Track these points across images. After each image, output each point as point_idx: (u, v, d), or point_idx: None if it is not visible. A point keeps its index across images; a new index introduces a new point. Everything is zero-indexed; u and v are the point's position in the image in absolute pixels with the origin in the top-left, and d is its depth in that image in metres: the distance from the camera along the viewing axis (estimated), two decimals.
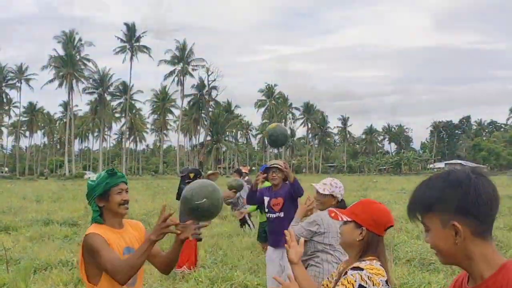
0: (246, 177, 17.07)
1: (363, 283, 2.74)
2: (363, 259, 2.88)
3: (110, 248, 3.37)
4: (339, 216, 2.96)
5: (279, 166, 7.14)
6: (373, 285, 2.74)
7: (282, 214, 7.13)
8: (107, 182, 3.51)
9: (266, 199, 7.34)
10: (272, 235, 7.20)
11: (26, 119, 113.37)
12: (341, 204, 5.13)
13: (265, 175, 7.30)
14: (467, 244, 1.80)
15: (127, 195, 3.60)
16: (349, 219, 2.94)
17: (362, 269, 2.80)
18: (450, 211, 1.81)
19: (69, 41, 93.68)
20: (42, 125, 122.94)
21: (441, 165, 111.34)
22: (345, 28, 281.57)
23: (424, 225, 1.93)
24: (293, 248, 3.08)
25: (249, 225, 14.83)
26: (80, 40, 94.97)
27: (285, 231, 3.24)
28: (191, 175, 9.16)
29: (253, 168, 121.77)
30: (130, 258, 3.29)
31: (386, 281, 2.79)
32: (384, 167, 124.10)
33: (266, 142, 8.83)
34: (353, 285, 2.75)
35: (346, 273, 2.82)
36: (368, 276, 2.76)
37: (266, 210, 7.34)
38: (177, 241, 3.48)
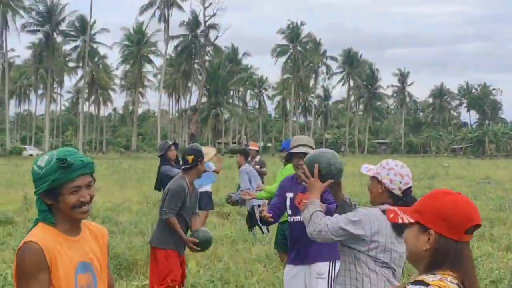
0: (257, 158, 17.06)
1: None
2: (433, 272, 2.84)
3: (43, 282, 3.32)
4: (398, 217, 2.91)
5: (308, 152, 7.05)
6: None
7: None
8: (56, 179, 3.41)
9: (289, 195, 7.27)
10: (295, 246, 7.11)
11: None
12: (407, 200, 5.04)
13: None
14: None
15: (90, 191, 3.51)
16: (411, 221, 2.90)
17: (427, 285, 2.77)
18: None
19: None
20: None
21: None
22: None
23: None
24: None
25: (261, 227, 14.86)
26: None
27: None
28: (190, 158, 8.77)
29: (269, 144, 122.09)
30: None
31: None
32: (460, 146, 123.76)
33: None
34: None
35: None
36: None
37: (289, 210, 7.31)
38: None
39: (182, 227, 8.68)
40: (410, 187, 5.05)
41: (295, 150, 7.23)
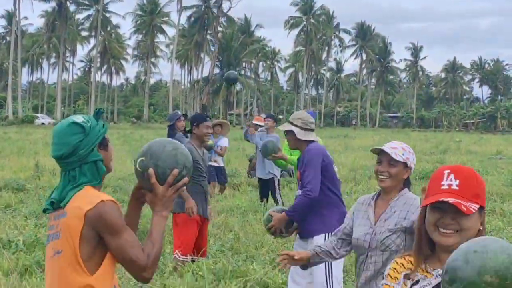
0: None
1: None
2: None
3: (131, 230, 3.45)
4: (470, 207, 2.90)
5: (284, 128, 7.22)
6: None
7: (299, 193, 7.14)
8: (101, 129, 3.55)
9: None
10: (303, 221, 7.16)
11: None
12: (407, 182, 5.05)
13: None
14: None
15: None
16: (476, 208, 2.90)
17: None
18: None
19: None
20: None
21: None
22: None
23: None
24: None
25: (275, 200, 14.75)
26: None
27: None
28: (188, 123, 9.17)
29: (280, 116, 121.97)
30: (152, 246, 3.41)
31: None
32: (473, 121, 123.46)
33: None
34: None
35: None
36: None
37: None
38: (133, 205, 3.68)
39: (199, 189, 8.91)
40: None
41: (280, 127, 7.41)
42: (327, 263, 6.72)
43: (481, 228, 2.91)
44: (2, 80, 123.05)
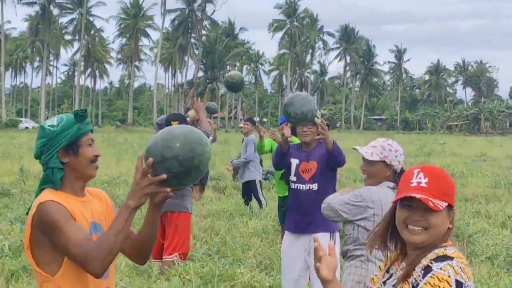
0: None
1: (459, 278, 2.77)
2: (442, 245, 2.90)
3: (77, 224, 3.36)
4: (437, 204, 2.92)
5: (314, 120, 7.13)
6: (468, 280, 2.79)
7: (315, 187, 7.07)
8: (74, 132, 3.48)
9: (294, 161, 7.27)
10: (297, 215, 7.14)
11: None
12: (398, 178, 5.06)
13: (285, 126, 7.30)
14: None
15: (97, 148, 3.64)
16: (444, 205, 2.93)
17: (451, 258, 2.84)
18: None
19: None
20: None
21: None
22: None
23: None
24: (324, 262, 2.97)
25: (260, 201, 14.84)
26: None
27: (314, 237, 3.13)
28: (174, 123, 9.05)
29: (264, 119, 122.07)
30: (105, 237, 3.26)
31: None
32: (456, 123, 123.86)
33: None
34: (449, 283, 2.77)
35: (427, 269, 2.82)
36: (461, 267, 2.81)
37: (293, 177, 7.31)
38: (152, 209, 3.42)
39: (187, 188, 8.97)
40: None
41: None
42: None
43: (450, 227, 2.95)
44: None
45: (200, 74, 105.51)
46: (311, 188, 7.04)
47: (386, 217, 3.06)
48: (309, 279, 7.30)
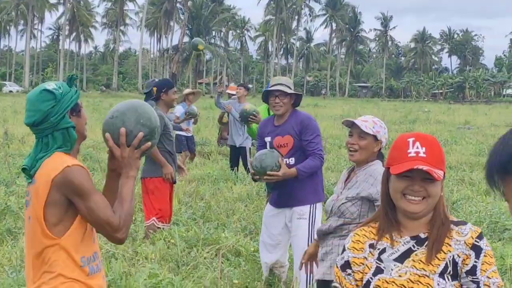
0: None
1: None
2: (458, 219, 3.02)
3: (100, 193, 3.47)
4: (435, 174, 2.91)
5: (285, 91, 6.95)
6: None
7: (292, 161, 6.90)
8: (74, 95, 3.57)
9: (267, 139, 7.08)
10: (277, 188, 7.09)
11: None
12: (380, 155, 5.12)
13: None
14: None
15: None
16: (442, 174, 2.94)
17: (481, 235, 2.93)
18: None
19: None
20: None
21: None
22: None
23: (503, 194, 1.98)
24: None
25: (246, 166, 14.82)
26: None
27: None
28: (154, 90, 9.01)
29: (250, 85, 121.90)
30: (127, 205, 3.46)
31: None
32: (441, 91, 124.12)
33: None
34: (492, 256, 2.90)
35: (477, 248, 2.88)
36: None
37: None
38: (111, 174, 3.68)
39: (169, 155, 8.86)
40: None
41: (271, 88, 6.99)
42: (310, 228, 6.78)
43: (442, 194, 2.96)
44: None
45: (186, 39, 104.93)
46: (288, 162, 6.85)
47: (382, 189, 3.04)
48: (290, 245, 7.31)
